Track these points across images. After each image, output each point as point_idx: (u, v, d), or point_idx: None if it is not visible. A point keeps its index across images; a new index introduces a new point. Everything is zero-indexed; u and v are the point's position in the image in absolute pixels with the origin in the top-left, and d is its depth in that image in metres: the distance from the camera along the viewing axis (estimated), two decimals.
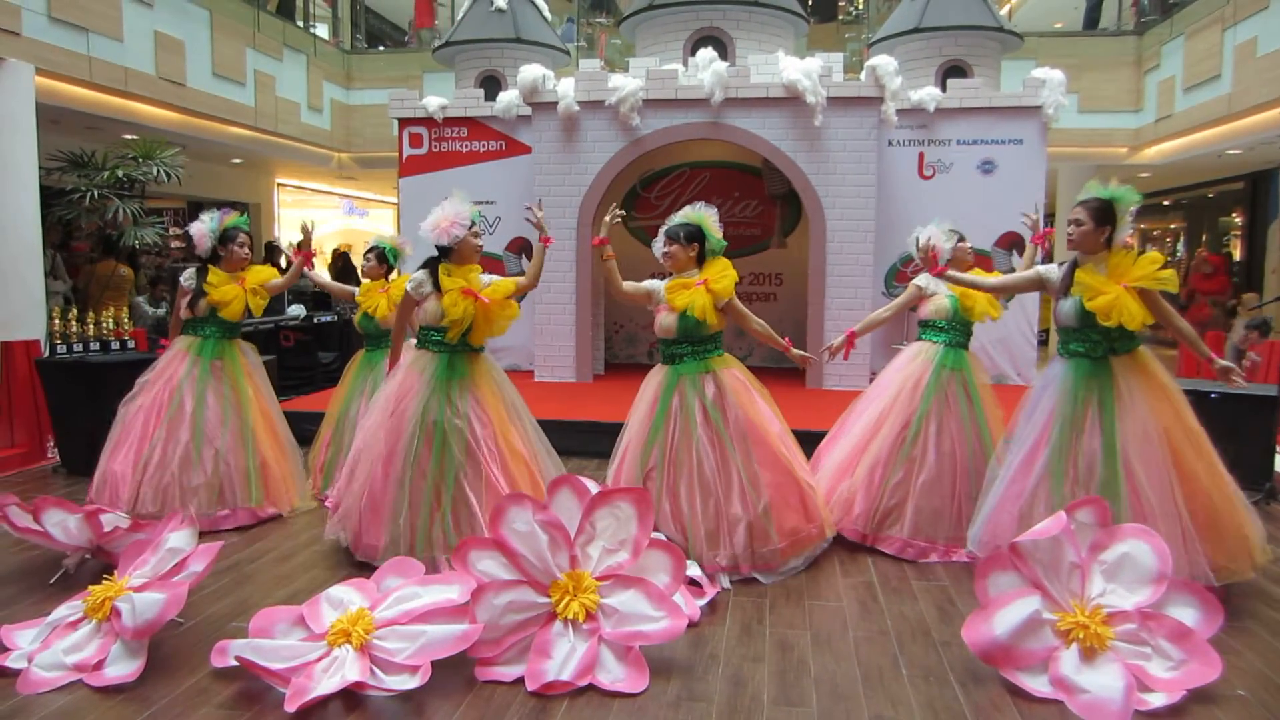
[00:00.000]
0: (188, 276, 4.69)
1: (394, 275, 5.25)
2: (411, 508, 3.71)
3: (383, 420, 3.85)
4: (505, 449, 3.81)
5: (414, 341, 4.03)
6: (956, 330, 4.34)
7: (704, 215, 3.92)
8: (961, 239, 4.38)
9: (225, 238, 4.65)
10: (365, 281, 5.21)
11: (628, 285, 3.98)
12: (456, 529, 3.68)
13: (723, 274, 3.85)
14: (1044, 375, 3.71)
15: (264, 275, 4.74)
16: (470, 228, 3.83)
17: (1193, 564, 3.28)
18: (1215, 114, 9.68)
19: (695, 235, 3.89)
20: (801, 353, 4.01)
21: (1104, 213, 3.44)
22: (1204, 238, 13.94)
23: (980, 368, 4.43)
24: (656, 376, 3.97)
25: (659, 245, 3.94)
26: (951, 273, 4.04)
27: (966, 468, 4.10)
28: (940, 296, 4.33)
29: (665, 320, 3.88)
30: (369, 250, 5.22)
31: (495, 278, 3.98)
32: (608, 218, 3.95)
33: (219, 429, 4.47)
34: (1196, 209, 14.23)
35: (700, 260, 3.92)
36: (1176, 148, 10.75)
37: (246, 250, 4.72)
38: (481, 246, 3.94)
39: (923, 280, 4.41)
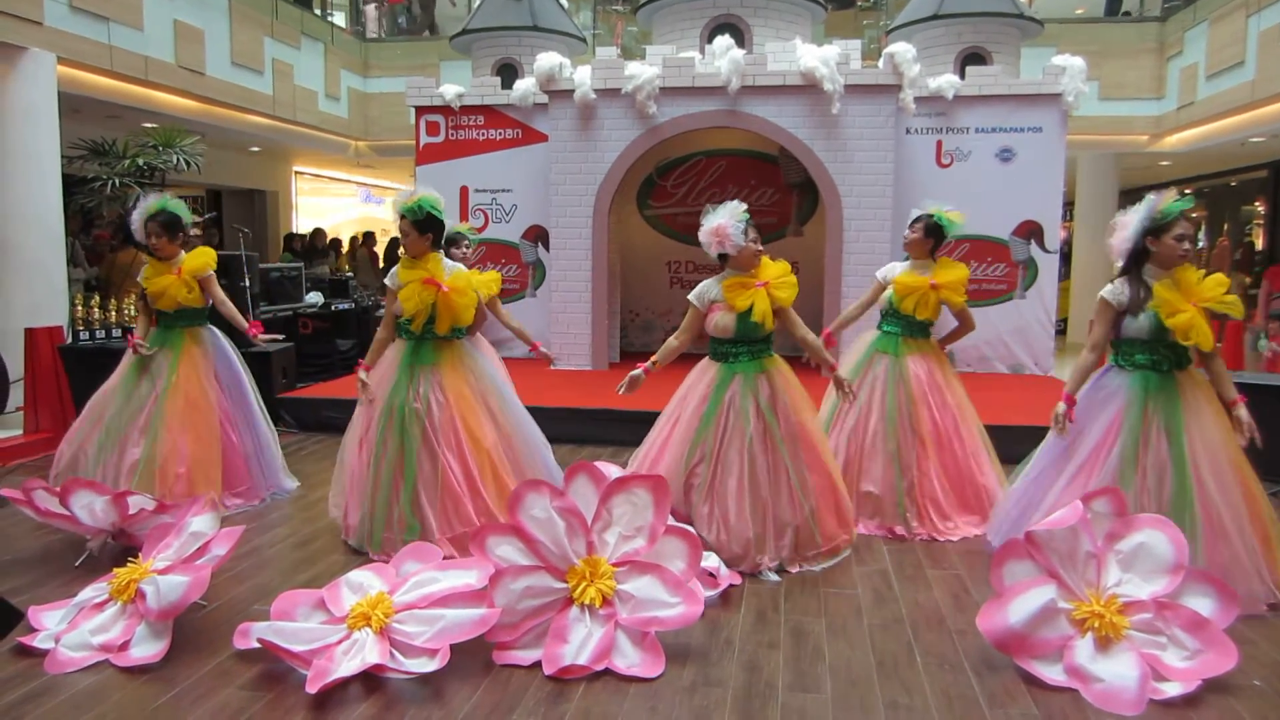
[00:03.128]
0: (143, 272, 4.58)
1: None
2: (375, 489, 3.83)
3: (364, 406, 3.99)
4: (465, 436, 3.83)
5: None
6: (895, 319, 4.41)
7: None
8: (916, 223, 4.40)
9: (145, 228, 4.47)
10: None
11: (680, 336, 3.89)
12: (416, 512, 3.77)
13: (785, 280, 3.80)
14: (1100, 384, 3.60)
15: (196, 263, 4.51)
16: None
17: (1262, 579, 3.31)
18: (1238, 101, 9.54)
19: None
20: (844, 380, 3.94)
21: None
22: (1225, 226, 13.78)
23: (929, 356, 4.40)
24: (709, 372, 3.88)
25: (727, 246, 3.73)
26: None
27: (862, 448, 4.25)
28: (888, 287, 4.43)
29: (722, 320, 3.77)
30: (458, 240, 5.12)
31: (460, 266, 4.03)
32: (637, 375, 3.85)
33: (126, 420, 4.37)
34: (1218, 197, 14.07)
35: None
36: (1198, 135, 10.61)
37: (153, 240, 4.46)
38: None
39: (880, 273, 4.52)
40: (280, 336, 4.85)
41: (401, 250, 5.09)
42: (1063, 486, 3.54)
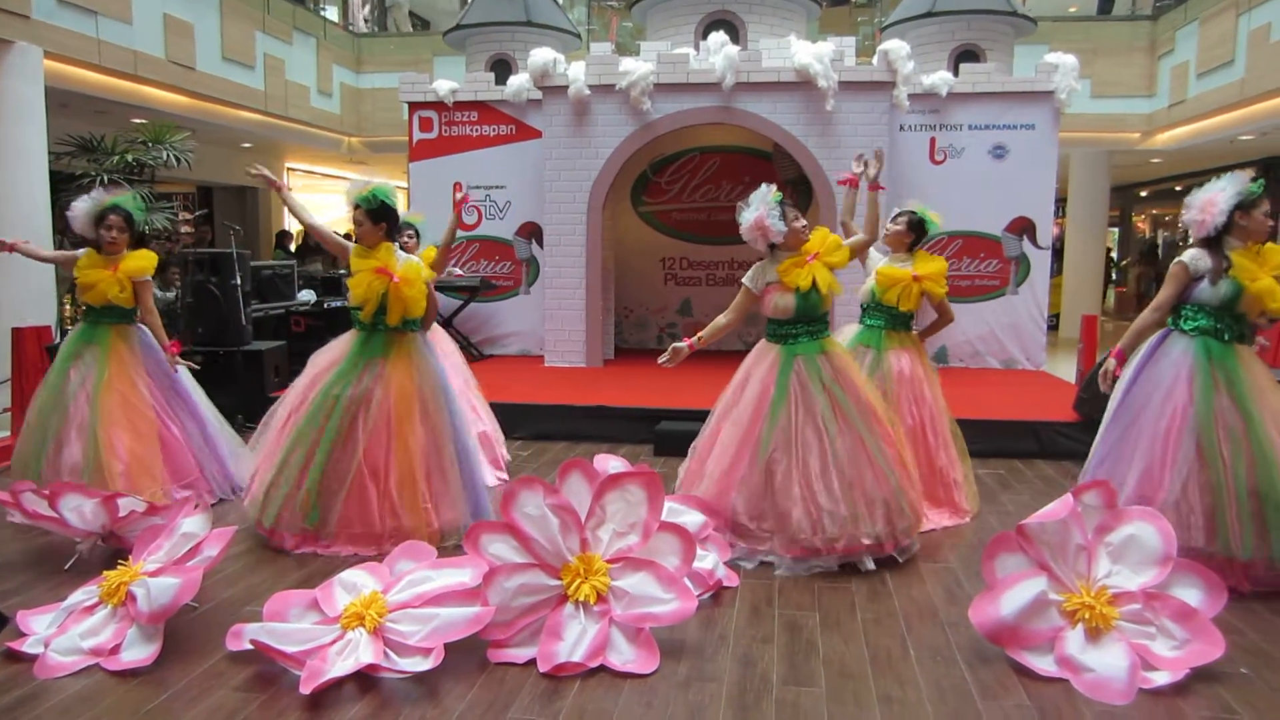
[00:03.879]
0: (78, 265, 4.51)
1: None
2: (284, 466, 3.86)
3: (303, 392, 3.99)
4: (394, 435, 3.85)
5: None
6: (878, 312, 4.42)
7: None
8: (896, 217, 4.42)
9: (97, 219, 4.38)
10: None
11: (730, 315, 3.89)
12: (318, 501, 3.81)
13: (830, 246, 3.81)
14: (1163, 350, 3.65)
15: (135, 265, 4.43)
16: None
17: None
18: (1228, 99, 9.60)
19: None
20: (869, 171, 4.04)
21: None
22: None
23: (910, 350, 4.42)
24: (769, 356, 3.84)
25: (771, 233, 3.72)
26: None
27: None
28: (868, 280, 4.43)
29: (782, 301, 3.76)
30: (401, 229, 5.12)
31: (413, 257, 4.03)
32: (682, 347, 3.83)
33: (63, 417, 4.32)
34: None
35: None
36: (1189, 133, 10.67)
37: (115, 234, 4.40)
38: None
39: (871, 256, 4.53)
40: (196, 367, 4.78)
41: (405, 246, 5.11)
42: (1146, 462, 3.51)
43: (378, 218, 3.88)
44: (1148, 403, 3.59)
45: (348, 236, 4.44)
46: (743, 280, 3.88)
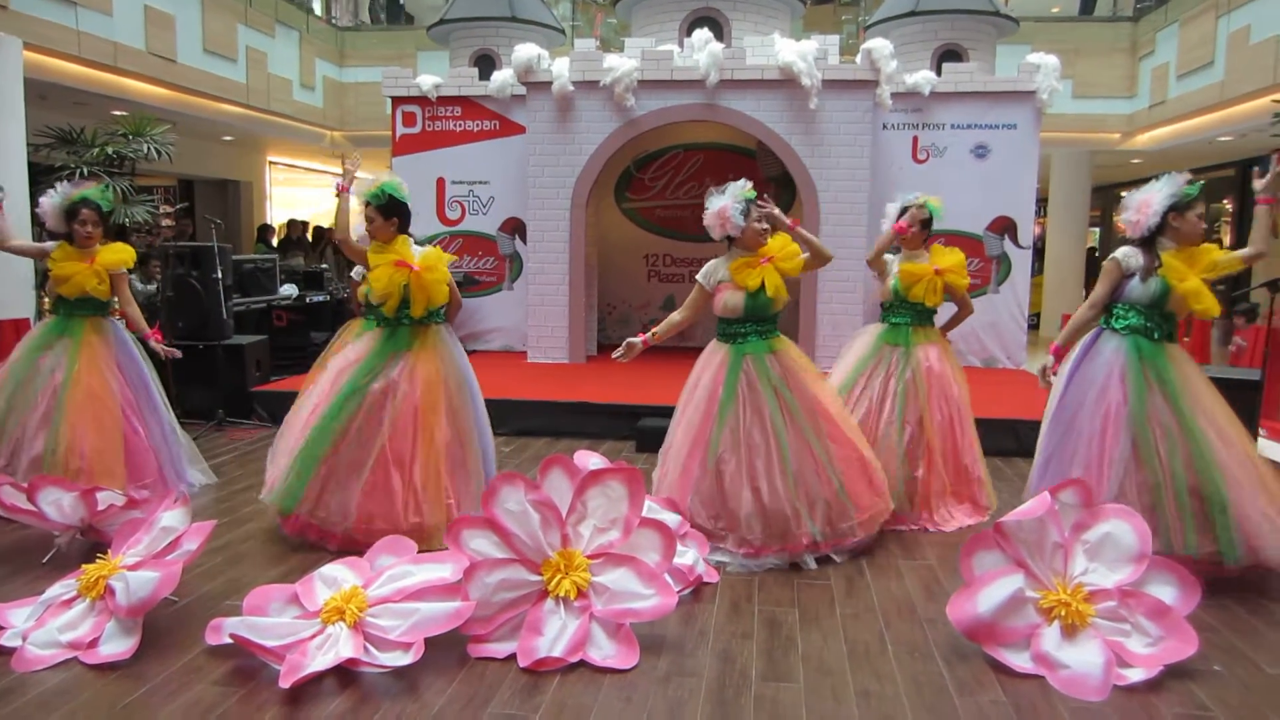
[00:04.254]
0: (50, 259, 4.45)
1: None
2: (305, 456, 3.83)
3: (327, 387, 3.97)
4: (421, 429, 3.83)
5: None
6: (902, 309, 4.40)
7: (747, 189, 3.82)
8: (903, 213, 4.34)
9: (69, 213, 4.33)
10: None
11: (683, 312, 3.93)
12: (342, 497, 3.77)
13: (788, 253, 3.83)
14: (1095, 350, 3.69)
15: (113, 258, 4.40)
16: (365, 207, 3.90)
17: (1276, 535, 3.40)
18: (1208, 101, 9.70)
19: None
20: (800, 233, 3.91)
21: None
22: None
23: (937, 345, 4.43)
24: (717, 356, 3.88)
25: (729, 227, 3.74)
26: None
27: (872, 438, 4.20)
28: (888, 279, 4.41)
29: (731, 300, 3.79)
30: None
31: (428, 248, 4.01)
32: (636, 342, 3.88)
33: (27, 409, 4.27)
34: None
35: None
36: (1169, 134, 10.77)
37: (89, 228, 4.36)
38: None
39: (887, 256, 4.49)
40: (178, 354, 4.71)
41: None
42: (1083, 462, 3.55)
43: (389, 213, 3.87)
44: (1083, 402, 3.64)
45: (326, 232, 4.42)
46: (697, 277, 3.91)
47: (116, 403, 4.41)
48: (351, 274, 5.23)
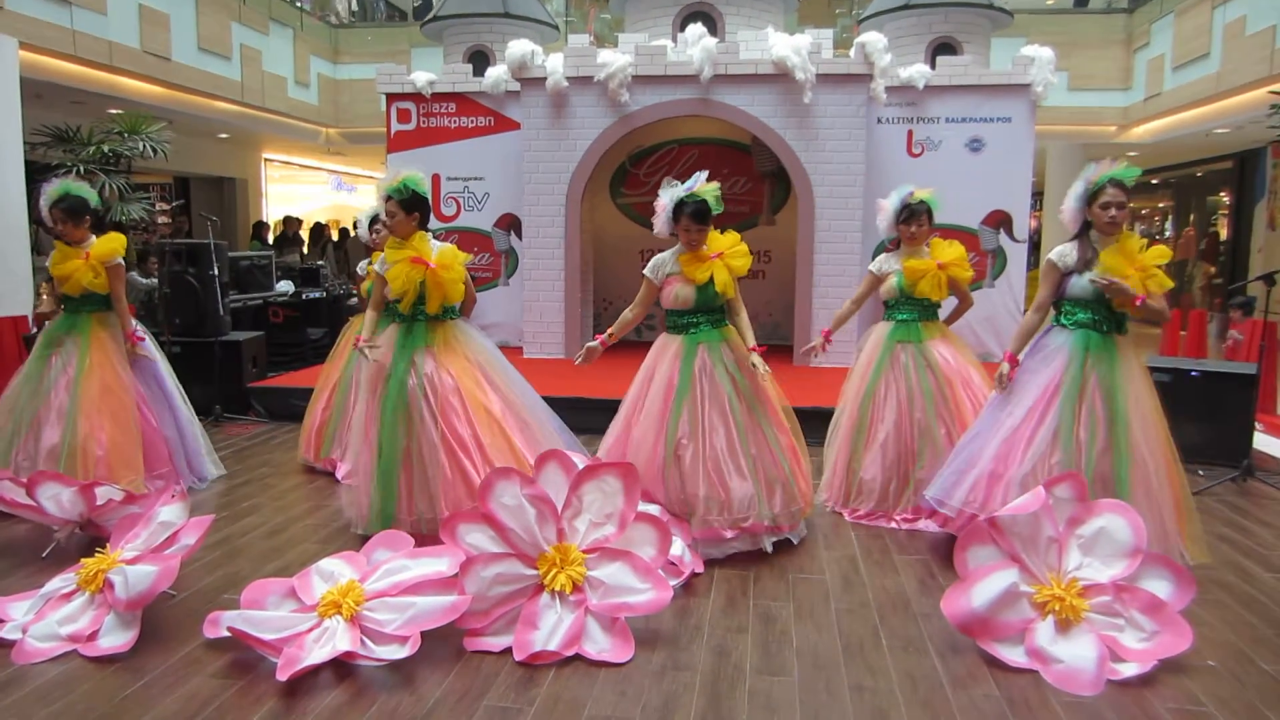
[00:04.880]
0: (52, 258, 4.48)
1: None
2: (382, 476, 3.80)
3: (368, 400, 3.95)
4: (472, 406, 3.82)
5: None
6: (908, 306, 4.40)
7: (711, 187, 3.82)
8: (910, 217, 4.31)
9: (53, 209, 4.36)
10: (376, 253, 5.20)
11: (635, 308, 3.97)
12: (425, 492, 3.76)
13: (738, 251, 3.86)
14: (1042, 343, 3.74)
15: (105, 248, 4.40)
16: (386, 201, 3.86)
17: (1172, 540, 3.44)
18: (1204, 93, 9.71)
19: (709, 213, 3.82)
20: (759, 362, 3.81)
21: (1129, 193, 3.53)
22: (1191, 217, 14.02)
23: (947, 339, 4.46)
24: (671, 346, 3.90)
25: (660, 225, 3.82)
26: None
27: (911, 436, 4.22)
28: (891, 276, 4.41)
29: (682, 292, 3.82)
30: (374, 221, 5.07)
31: (445, 245, 4.00)
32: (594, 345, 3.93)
33: (40, 404, 4.31)
34: (1184, 188, 14.30)
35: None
36: (1165, 126, 10.79)
37: (60, 227, 4.37)
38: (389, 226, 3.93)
39: (874, 265, 4.51)
40: (154, 359, 4.68)
41: (375, 240, 5.07)
42: (1002, 439, 3.64)
43: (410, 207, 3.85)
44: (1020, 386, 3.70)
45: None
46: (644, 272, 3.93)
47: (130, 395, 4.45)
48: (356, 269, 5.25)
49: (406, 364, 3.85)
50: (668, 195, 3.78)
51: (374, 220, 5.02)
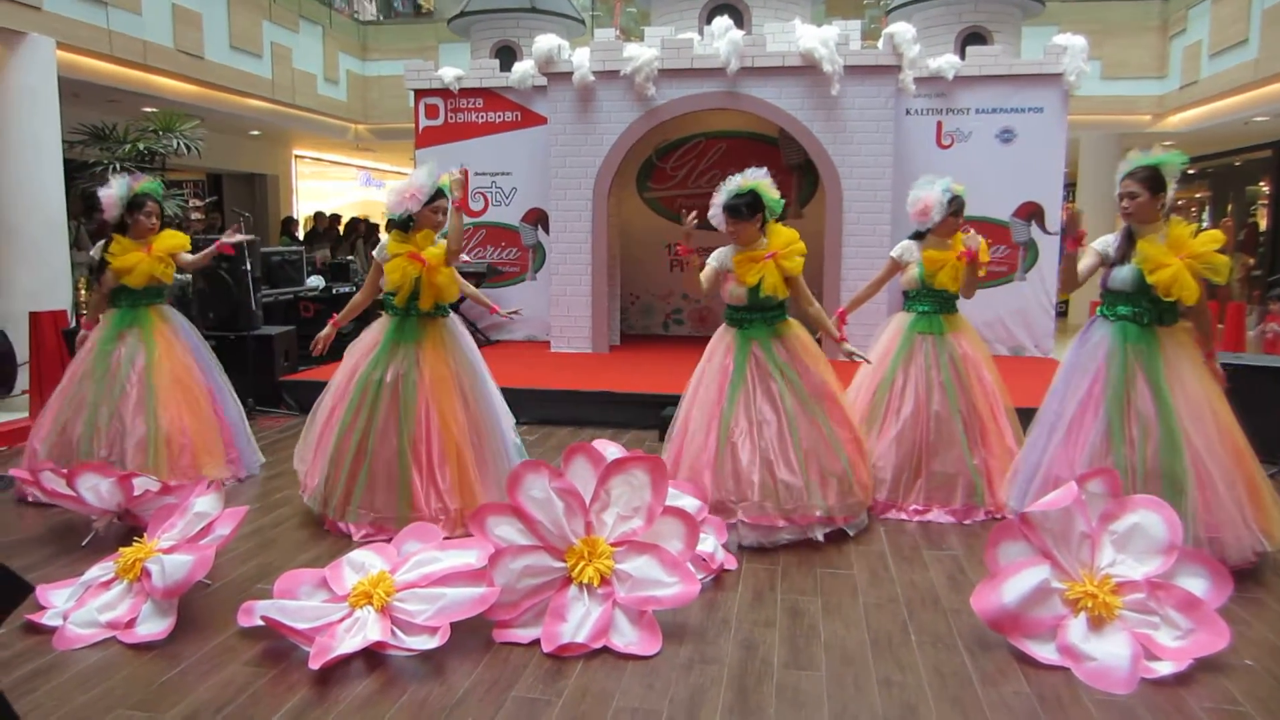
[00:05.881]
0: (97, 249, 4.59)
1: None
2: (339, 458, 3.92)
3: (343, 381, 4.06)
4: (435, 416, 3.88)
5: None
6: (928, 298, 4.37)
7: (758, 181, 3.86)
8: (958, 211, 4.31)
9: (133, 205, 4.50)
10: None
11: (705, 279, 3.99)
12: (369, 492, 3.85)
13: (792, 247, 3.87)
14: (1084, 337, 3.71)
15: (172, 243, 4.59)
16: (431, 201, 3.87)
17: (1250, 529, 3.39)
18: (1242, 80, 9.49)
19: (756, 205, 3.85)
20: (853, 349, 4.00)
21: (1156, 181, 3.47)
22: (1229, 207, 13.74)
23: (965, 332, 4.43)
24: (725, 340, 4.00)
25: (717, 220, 3.90)
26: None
27: (928, 428, 4.20)
28: (912, 266, 4.38)
29: (735, 290, 3.90)
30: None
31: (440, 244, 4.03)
32: (690, 222, 3.89)
33: (117, 397, 4.39)
34: (1222, 178, 14.02)
35: (763, 225, 3.91)
36: (1202, 115, 10.56)
37: (154, 220, 4.56)
38: (442, 222, 3.94)
39: (896, 251, 4.48)
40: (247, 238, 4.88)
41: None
42: (1059, 443, 3.62)
43: (435, 200, 3.92)
44: (1068, 385, 3.67)
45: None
46: (709, 259, 3.98)
47: (201, 384, 4.62)
48: (374, 253, 5.31)
49: (388, 358, 3.93)
50: (730, 186, 3.86)
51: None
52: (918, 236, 4.42)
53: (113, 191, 4.46)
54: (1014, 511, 3.77)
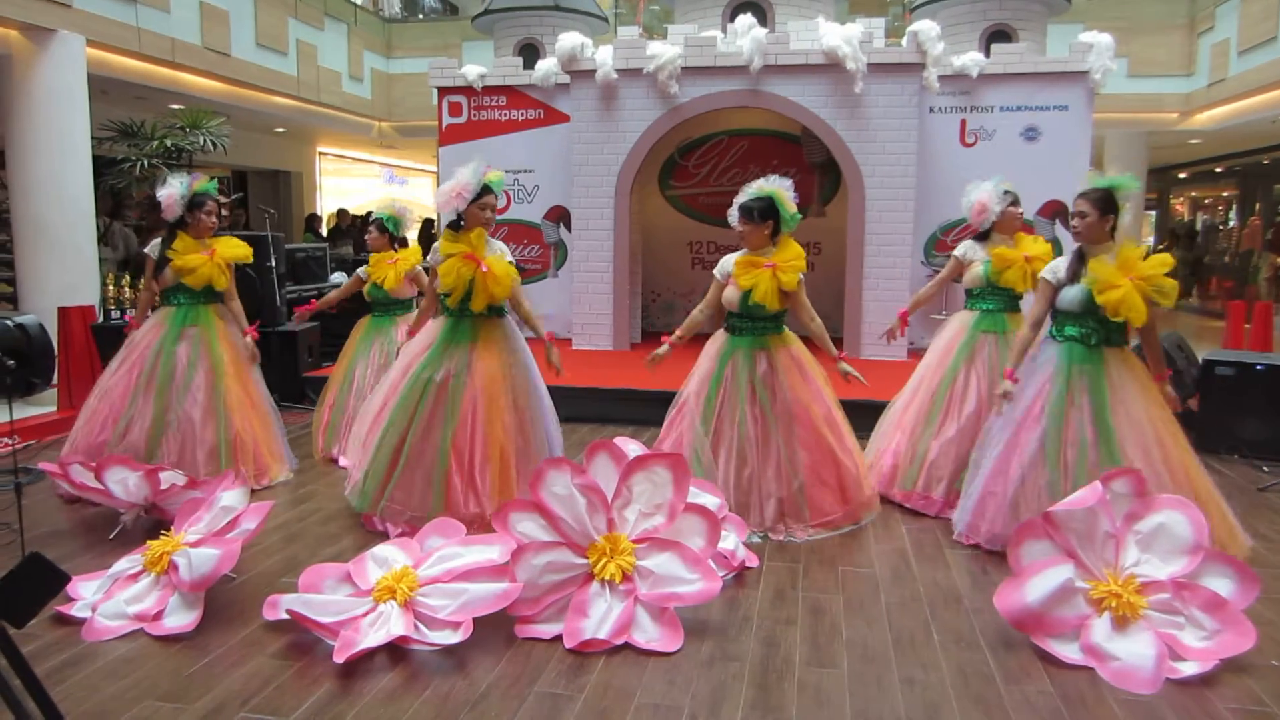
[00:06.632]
0: (152, 247, 4.60)
1: (410, 245, 5.42)
2: (378, 458, 3.92)
3: (396, 379, 4.06)
4: (483, 419, 3.87)
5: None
6: (993, 296, 4.34)
7: (777, 189, 3.87)
8: (1015, 202, 4.36)
9: (194, 204, 4.51)
10: (373, 255, 5.34)
11: (704, 309, 4.09)
12: (407, 491, 3.84)
13: (793, 263, 3.87)
14: (1034, 358, 3.70)
15: (233, 252, 4.62)
16: (478, 199, 3.85)
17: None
18: (1271, 78, 9.36)
19: (769, 211, 3.85)
20: (849, 369, 3.98)
21: (1107, 202, 3.47)
22: (1258, 206, 13.55)
23: None
24: (717, 342, 4.07)
25: (733, 218, 3.93)
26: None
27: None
28: (976, 264, 4.36)
29: (730, 294, 3.94)
30: (370, 223, 5.30)
31: (503, 246, 4.04)
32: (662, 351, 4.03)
33: (185, 400, 4.42)
34: (1250, 176, 13.83)
35: (775, 234, 3.91)
36: (1229, 113, 10.42)
37: (214, 219, 4.59)
38: (492, 219, 3.93)
39: (959, 250, 4.47)
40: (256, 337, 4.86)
41: (369, 241, 5.25)
42: (996, 456, 3.65)
43: (482, 197, 3.91)
44: (1016, 399, 3.65)
45: (367, 219, 4.53)
46: (714, 271, 4.04)
47: (261, 386, 4.72)
48: (358, 272, 5.39)
49: (441, 358, 3.94)
50: (755, 188, 3.89)
51: (367, 221, 5.20)
52: (981, 238, 4.42)
53: (174, 191, 4.47)
54: (958, 530, 3.83)
